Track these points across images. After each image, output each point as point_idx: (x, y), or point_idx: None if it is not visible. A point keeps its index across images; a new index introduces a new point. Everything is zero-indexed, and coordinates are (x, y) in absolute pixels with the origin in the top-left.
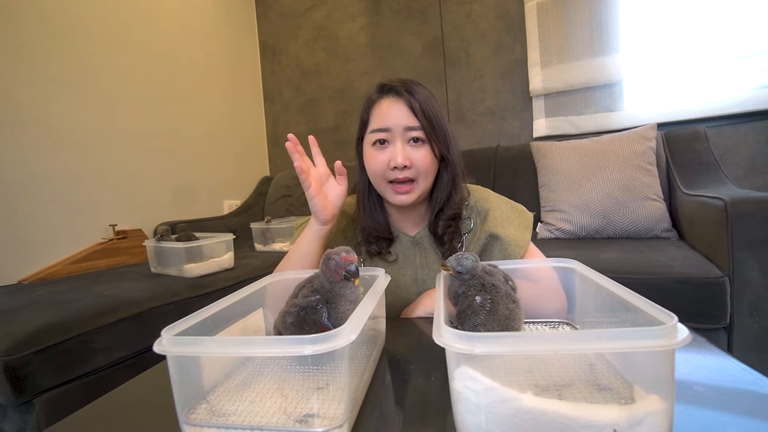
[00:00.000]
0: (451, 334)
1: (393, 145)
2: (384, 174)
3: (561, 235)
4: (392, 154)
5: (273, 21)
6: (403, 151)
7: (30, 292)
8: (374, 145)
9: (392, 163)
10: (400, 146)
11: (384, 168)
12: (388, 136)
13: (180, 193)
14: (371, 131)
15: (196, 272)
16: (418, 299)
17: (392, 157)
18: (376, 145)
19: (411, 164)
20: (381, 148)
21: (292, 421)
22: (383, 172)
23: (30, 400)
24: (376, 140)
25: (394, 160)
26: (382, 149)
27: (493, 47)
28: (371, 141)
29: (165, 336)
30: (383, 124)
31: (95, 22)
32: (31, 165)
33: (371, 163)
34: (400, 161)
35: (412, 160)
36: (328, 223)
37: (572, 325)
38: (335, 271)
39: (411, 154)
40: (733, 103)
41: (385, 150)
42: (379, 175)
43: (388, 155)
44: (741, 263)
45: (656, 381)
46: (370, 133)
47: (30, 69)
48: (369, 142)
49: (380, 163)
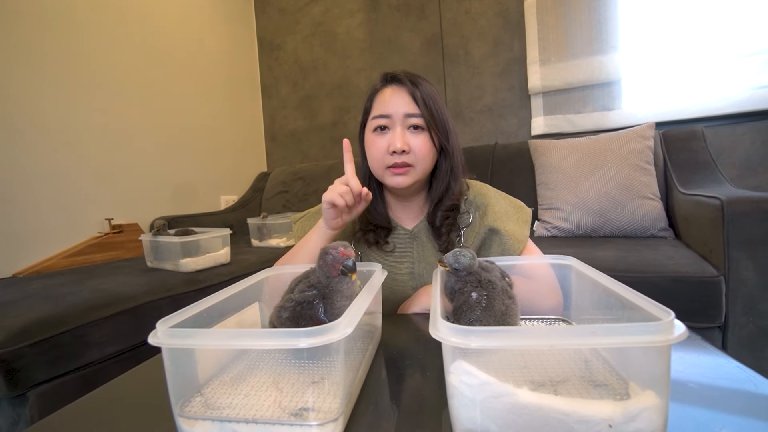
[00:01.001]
0: (447, 328)
1: (393, 131)
2: (383, 159)
3: (558, 234)
4: (391, 139)
5: (271, 16)
6: (402, 137)
7: (25, 285)
8: (375, 131)
9: (391, 148)
10: (399, 131)
11: (383, 153)
12: (388, 123)
13: (177, 188)
14: (373, 117)
15: (192, 267)
16: (414, 295)
17: (391, 142)
18: (377, 131)
19: (410, 149)
20: (381, 134)
21: (287, 415)
22: (382, 157)
23: (24, 393)
24: (377, 126)
25: (393, 145)
26: (382, 135)
27: (491, 45)
28: (372, 127)
29: (160, 328)
30: (384, 111)
31: (92, 17)
32: (27, 159)
33: (371, 148)
34: (398, 146)
35: (410, 146)
36: (337, 230)
37: (568, 322)
38: (332, 266)
39: (410, 140)
40: (731, 103)
41: (385, 135)
42: (379, 160)
43: (387, 140)
44: (736, 262)
45: (652, 377)
46: (371, 119)
47: (25, 64)
48: (370, 129)
49: (380, 148)
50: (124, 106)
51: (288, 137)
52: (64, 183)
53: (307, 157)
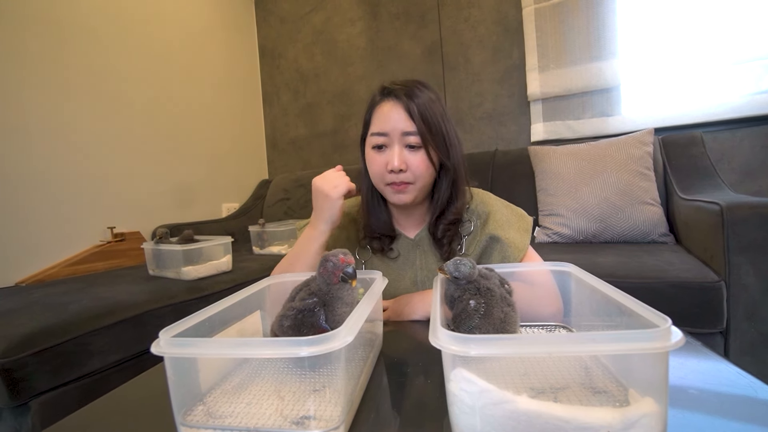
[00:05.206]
0: (446, 336)
1: (391, 149)
2: (382, 176)
3: (559, 240)
4: (389, 158)
5: (272, 25)
6: (399, 156)
7: (27, 294)
8: (374, 148)
9: (389, 167)
10: (397, 150)
11: (382, 171)
12: (386, 141)
13: (178, 195)
14: (371, 134)
15: (194, 275)
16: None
17: (389, 161)
18: (376, 149)
19: (407, 168)
20: (380, 151)
21: (288, 423)
22: (381, 174)
23: (26, 402)
24: (375, 144)
25: (391, 164)
26: (380, 153)
27: (491, 52)
28: (371, 144)
29: (163, 337)
30: (382, 129)
31: (94, 26)
32: (29, 167)
33: (372, 164)
34: (396, 165)
35: (408, 165)
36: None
37: (568, 329)
38: (333, 273)
39: (408, 158)
40: (730, 109)
41: (383, 153)
42: (378, 177)
43: (386, 159)
44: (737, 268)
45: (650, 384)
46: (370, 135)
47: (29, 73)
48: (370, 145)
49: (379, 166)
50: (127, 115)
51: (289, 145)
52: (66, 191)
53: (308, 164)
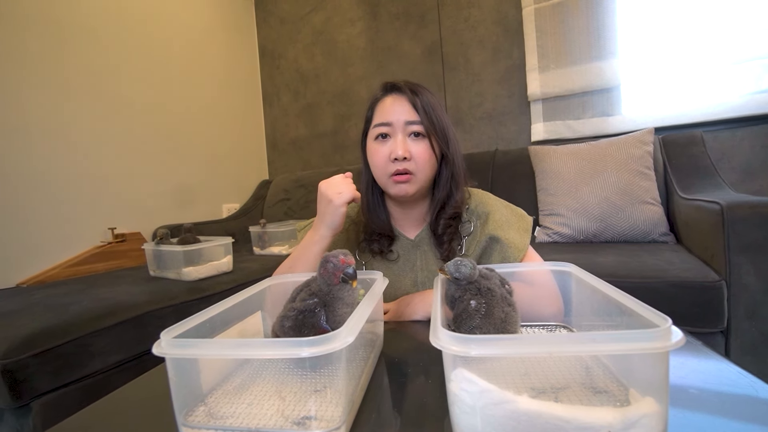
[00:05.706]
0: (447, 336)
1: (394, 138)
2: (386, 167)
3: (559, 239)
4: (393, 146)
5: (272, 25)
6: (403, 144)
7: (28, 295)
8: (377, 139)
9: (392, 155)
10: (400, 138)
11: (385, 160)
12: (389, 130)
13: (179, 196)
14: (374, 126)
15: (195, 275)
16: (412, 300)
17: (393, 149)
18: (378, 139)
19: (411, 156)
20: (383, 141)
21: (289, 424)
22: (385, 164)
23: (27, 403)
24: (379, 134)
25: (395, 152)
26: (383, 143)
27: (491, 52)
28: (374, 135)
29: (164, 338)
30: (385, 119)
31: (95, 27)
32: (30, 168)
33: (373, 156)
34: (400, 153)
35: (411, 153)
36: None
37: (569, 329)
38: (333, 274)
39: (411, 147)
40: (730, 108)
41: (386, 143)
42: (381, 168)
43: (389, 148)
44: (738, 267)
45: (651, 384)
46: (373, 128)
47: (29, 73)
48: (372, 137)
49: (382, 156)
50: (127, 115)
51: (289, 145)
52: (67, 192)
53: (309, 164)
